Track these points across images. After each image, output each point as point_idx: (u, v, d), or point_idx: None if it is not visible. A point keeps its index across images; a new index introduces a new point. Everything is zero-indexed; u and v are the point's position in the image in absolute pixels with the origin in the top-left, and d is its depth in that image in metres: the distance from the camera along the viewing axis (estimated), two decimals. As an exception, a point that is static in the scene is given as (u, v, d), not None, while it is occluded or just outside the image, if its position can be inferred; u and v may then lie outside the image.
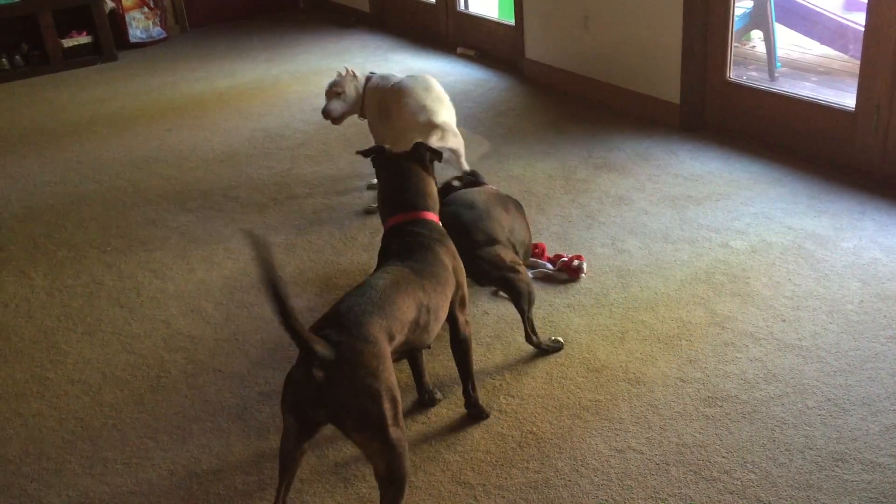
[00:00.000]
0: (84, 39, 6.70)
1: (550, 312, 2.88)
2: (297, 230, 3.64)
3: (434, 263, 2.17)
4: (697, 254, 3.18)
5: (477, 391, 2.40)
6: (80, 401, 2.64)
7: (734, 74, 4.25)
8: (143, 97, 5.73)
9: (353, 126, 4.45)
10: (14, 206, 4.14)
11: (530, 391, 2.50)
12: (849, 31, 5.12)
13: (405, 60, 5.99)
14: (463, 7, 6.18)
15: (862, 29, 3.60)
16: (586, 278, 3.07)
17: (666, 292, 2.95)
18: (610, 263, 3.16)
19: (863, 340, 2.61)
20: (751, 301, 2.85)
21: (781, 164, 3.86)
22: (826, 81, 5.00)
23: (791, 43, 5.56)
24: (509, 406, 2.45)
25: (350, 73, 3.76)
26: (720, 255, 3.15)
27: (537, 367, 2.61)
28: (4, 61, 6.44)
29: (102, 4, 6.69)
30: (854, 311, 2.75)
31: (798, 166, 3.82)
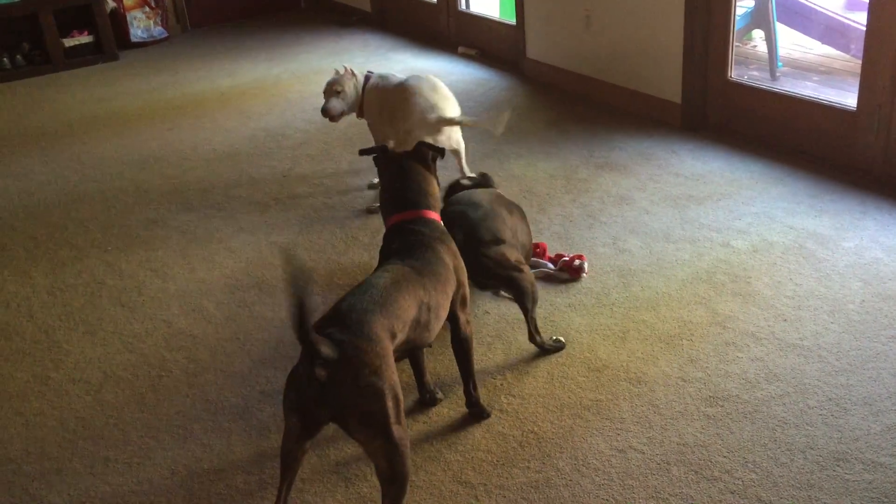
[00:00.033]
0: (85, 39, 6.71)
1: (552, 312, 2.88)
2: (299, 229, 3.64)
3: (435, 262, 2.17)
4: (699, 253, 3.18)
5: (478, 390, 2.40)
6: (82, 400, 2.64)
7: (735, 74, 4.25)
8: (145, 96, 5.73)
9: (355, 126, 4.45)
10: (15, 206, 4.14)
11: (531, 391, 2.50)
12: (850, 31, 5.11)
13: (406, 60, 5.99)
14: (464, 6, 6.18)
15: (863, 28, 3.59)
16: (587, 278, 3.07)
17: (667, 292, 2.95)
18: (611, 263, 3.16)
19: (864, 340, 2.61)
20: (752, 301, 2.85)
21: (783, 164, 3.86)
22: (827, 81, 5.00)
23: (792, 42, 5.56)
24: (510, 405, 2.45)
25: (349, 72, 3.76)
26: (721, 255, 3.15)
27: (538, 367, 2.61)
28: (6, 61, 6.44)
29: (104, 4, 6.69)
30: (855, 311, 2.75)
31: (799, 166, 3.82)
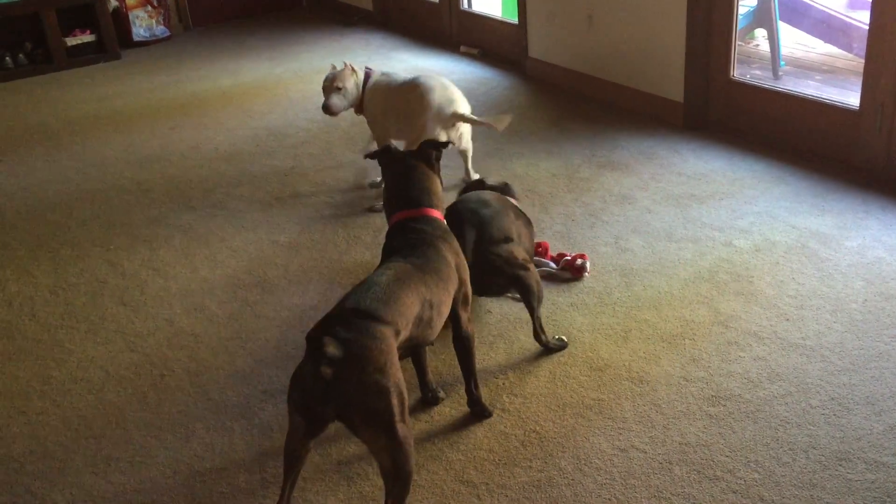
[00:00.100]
0: (87, 38, 6.71)
1: (554, 311, 2.87)
2: (301, 228, 3.64)
3: (436, 259, 2.18)
4: (701, 253, 3.17)
5: (479, 389, 2.40)
6: (84, 399, 2.64)
7: (738, 73, 4.24)
8: (147, 96, 5.73)
9: (357, 125, 4.45)
10: (17, 205, 4.14)
11: (533, 390, 2.50)
12: (853, 30, 5.10)
13: (408, 59, 5.99)
14: (466, 6, 6.17)
15: (866, 27, 3.59)
16: (589, 277, 3.07)
17: (669, 291, 2.94)
18: (613, 262, 3.16)
19: (867, 339, 2.60)
20: (754, 300, 2.85)
21: (785, 163, 3.85)
22: (830, 80, 4.99)
23: (795, 41, 5.55)
24: (512, 405, 2.45)
25: (349, 68, 3.76)
26: (724, 254, 3.15)
27: (540, 366, 2.61)
28: (8, 60, 6.44)
29: (106, 3, 6.69)
30: (858, 311, 2.75)
31: (802, 165, 3.81)
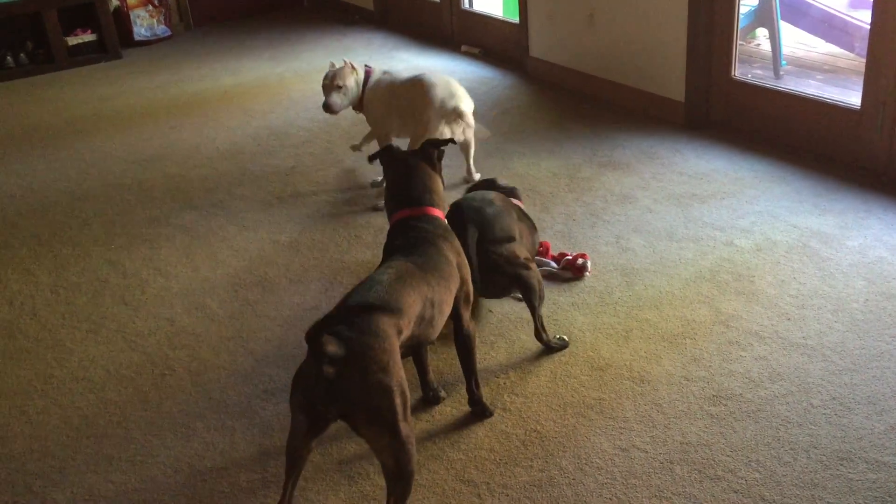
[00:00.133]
0: (88, 37, 6.71)
1: (555, 311, 2.87)
2: (302, 228, 3.64)
3: (437, 258, 2.18)
4: (702, 252, 3.17)
5: (480, 388, 2.40)
6: (85, 398, 2.64)
7: (739, 72, 4.24)
8: (148, 95, 5.74)
9: (358, 124, 4.45)
10: (18, 204, 4.15)
11: (534, 389, 2.50)
12: (854, 29, 5.10)
13: (409, 58, 5.98)
14: (467, 5, 6.17)
15: (867, 27, 3.59)
16: (590, 277, 3.07)
17: (670, 291, 2.94)
18: (614, 262, 3.16)
19: (868, 339, 2.60)
20: (756, 300, 2.85)
21: (786, 163, 3.85)
22: (831, 79, 4.99)
23: (796, 41, 5.55)
24: (513, 404, 2.45)
25: (349, 66, 3.76)
26: (725, 254, 3.15)
27: (541, 366, 2.61)
28: (9, 59, 6.45)
29: (107, 2, 6.69)
30: (859, 310, 2.74)
31: (803, 164, 3.81)
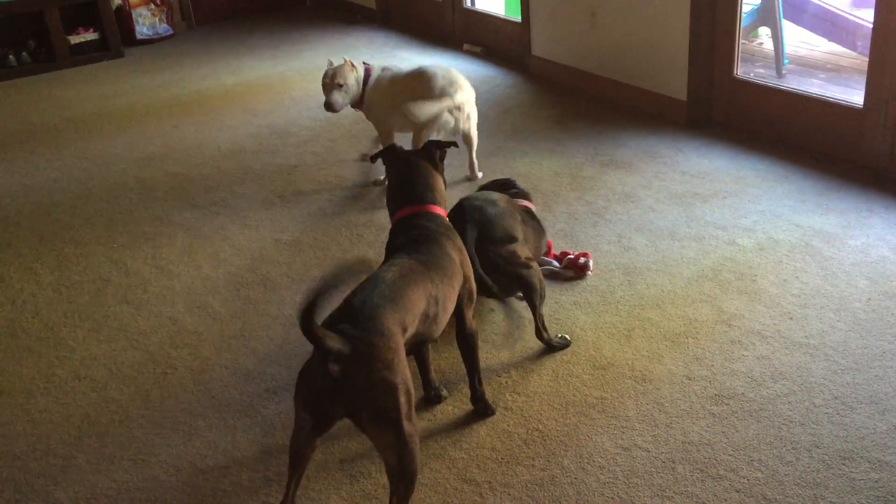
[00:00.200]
0: (91, 36, 6.71)
1: (557, 310, 2.87)
2: (303, 227, 3.64)
3: (440, 256, 2.18)
4: (704, 251, 3.17)
5: (483, 385, 2.40)
6: (87, 397, 2.64)
7: (741, 71, 4.23)
8: (150, 94, 5.74)
9: (360, 123, 4.45)
10: (20, 203, 4.15)
11: (536, 388, 2.50)
12: (857, 28, 5.09)
13: (411, 57, 5.98)
14: (469, 4, 6.17)
15: (870, 25, 3.58)
16: (592, 276, 3.07)
17: (672, 290, 2.94)
18: (616, 261, 3.15)
19: (870, 338, 2.60)
20: (758, 299, 2.85)
21: (789, 162, 3.85)
22: (834, 78, 4.98)
23: (799, 40, 5.54)
24: (515, 403, 2.45)
25: (349, 64, 3.76)
26: (727, 253, 3.14)
27: (543, 365, 2.61)
28: (11, 58, 6.45)
29: (109, 1, 6.70)
30: (862, 309, 2.74)
31: (805, 163, 3.81)
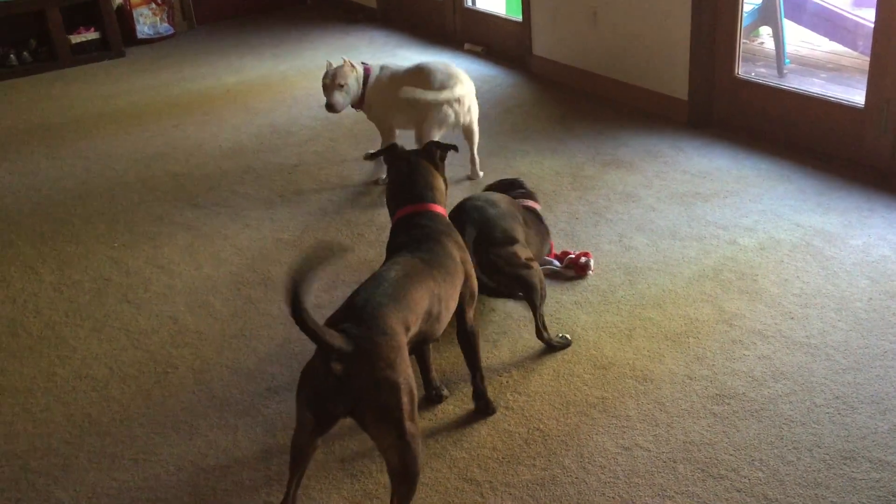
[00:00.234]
0: (92, 35, 6.71)
1: (557, 309, 2.87)
2: (304, 226, 3.64)
3: (442, 254, 2.19)
4: (705, 251, 3.17)
5: (484, 383, 2.40)
6: (88, 396, 2.64)
7: (742, 71, 4.23)
8: (151, 93, 5.74)
9: (361, 123, 4.45)
10: (21, 202, 4.15)
11: (537, 388, 2.50)
12: (858, 28, 5.09)
13: (412, 57, 5.97)
14: (470, 3, 6.17)
15: (871, 25, 3.58)
16: (593, 275, 3.07)
17: (673, 289, 2.94)
18: (617, 260, 3.15)
19: (871, 338, 2.60)
20: (759, 298, 2.84)
21: (790, 161, 3.84)
22: (835, 78, 4.98)
23: (800, 39, 5.54)
24: (516, 403, 2.45)
25: (349, 65, 3.76)
26: (728, 253, 3.14)
27: (544, 364, 2.61)
28: (12, 57, 6.45)
29: (110, 0, 6.69)
30: (863, 309, 2.74)
31: (807, 163, 3.80)
